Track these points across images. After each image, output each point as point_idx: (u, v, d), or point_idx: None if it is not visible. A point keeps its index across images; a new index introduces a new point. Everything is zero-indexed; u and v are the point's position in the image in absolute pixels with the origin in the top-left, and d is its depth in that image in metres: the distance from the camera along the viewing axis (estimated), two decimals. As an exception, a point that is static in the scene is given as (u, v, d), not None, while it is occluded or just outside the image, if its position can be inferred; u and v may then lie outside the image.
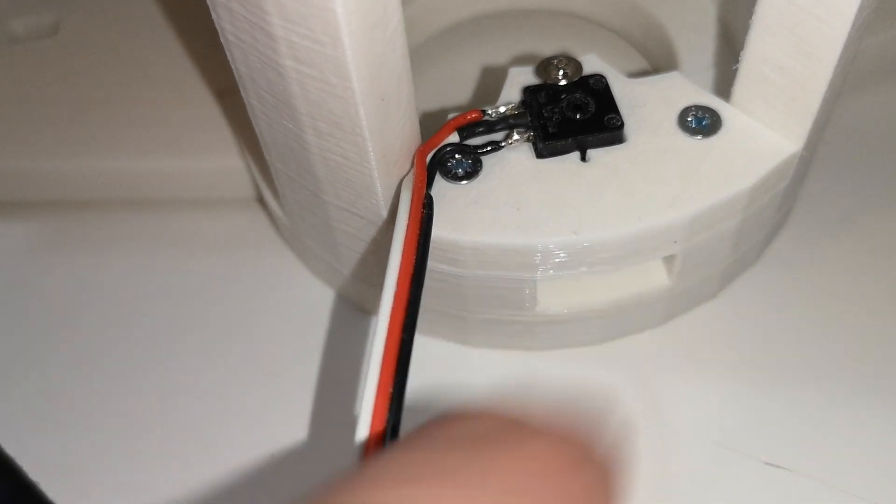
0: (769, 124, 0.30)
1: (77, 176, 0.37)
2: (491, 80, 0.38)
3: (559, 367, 0.33)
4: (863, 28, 0.26)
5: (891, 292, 0.34)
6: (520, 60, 0.39)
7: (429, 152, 0.29)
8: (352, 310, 0.35)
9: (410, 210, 0.26)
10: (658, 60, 0.39)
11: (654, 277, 0.31)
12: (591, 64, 0.31)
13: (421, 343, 0.32)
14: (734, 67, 0.29)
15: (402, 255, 0.24)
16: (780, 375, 0.32)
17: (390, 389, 0.21)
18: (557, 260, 0.29)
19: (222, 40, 0.25)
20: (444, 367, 0.33)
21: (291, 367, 0.34)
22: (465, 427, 0.17)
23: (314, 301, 0.35)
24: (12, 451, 0.28)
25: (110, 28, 0.40)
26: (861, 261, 0.35)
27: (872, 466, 0.30)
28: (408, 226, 0.25)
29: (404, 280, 0.23)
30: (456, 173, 0.29)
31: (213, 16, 0.24)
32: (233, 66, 0.26)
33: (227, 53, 0.26)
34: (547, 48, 0.39)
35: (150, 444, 0.33)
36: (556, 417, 0.18)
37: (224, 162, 0.36)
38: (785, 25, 0.26)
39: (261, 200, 0.37)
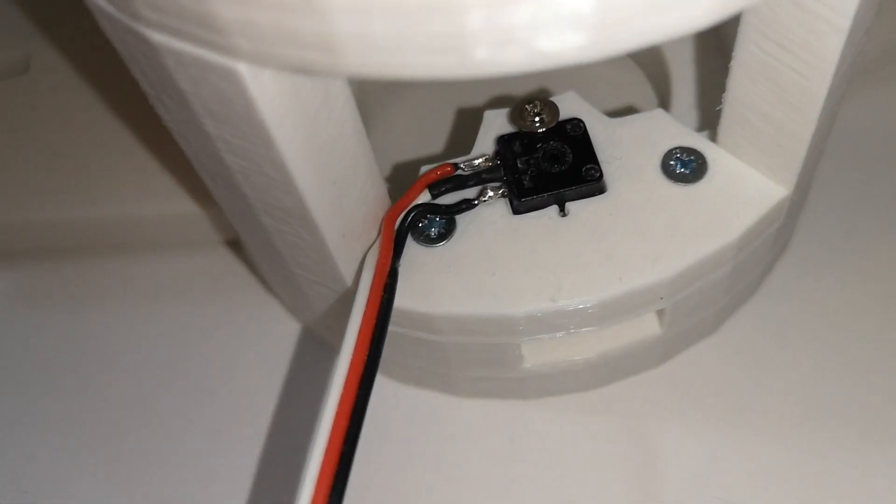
0: (756, 166, 0.28)
1: (49, 225, 0.36)
2: (468, 119, 0.36)
3: (552, 416, 0.32)
4: (848, 75, 0.25)
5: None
6: (498, 98, 0.37)
7: (397, 216, 0.28)
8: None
9: (370, 294, 0.25)
10: (648, 68, 0.37)
11: (645, 327, 0.30)
12: (569, 104, 0.29)
13: (408, 394, 0.32)
14: (717, 109, 0.28)
15: (354, 353, 0.23)
16: (782, 418, 0.31)
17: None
18: (537, 325, 0.27)
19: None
20: (432, 420, 0.32)
21: (258, 415, 0.33)
22: None
23: (289, 341, 0.34)
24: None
25: (82, 66, 0.38)
26: (867, 283, 0.33)
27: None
28: (364, 314, 0.24)
29: (353, 380, 0.22)
30: (429, 235, 0.28)
31: (149, 98, 0.23)
32: (181, 146, 0.25)
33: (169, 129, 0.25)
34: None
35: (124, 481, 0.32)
36: None
37: (194, 207, 0.35)
38: (764, 74, 0.25)
39: (231, 244, 0.36)
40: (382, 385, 0.32)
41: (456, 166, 0.28)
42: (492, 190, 0.28)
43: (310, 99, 0.21)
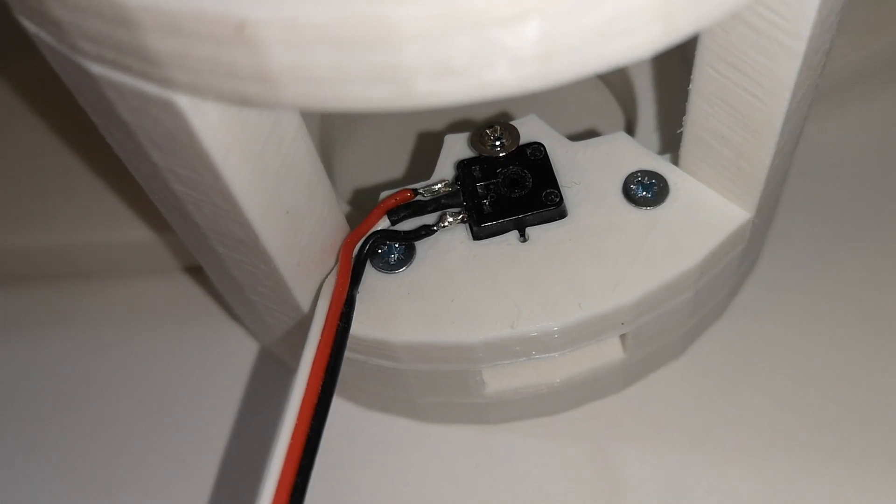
0: (718, 189, 0.28)
1: (6, 252, 0.35)
2: (428, 144, 0.36)
3: (516, 441, 0.31)
4: (808, 97, 0.24)
5: (866, 339, 0.32)
6: (459, 122, 0.36)
7: (356, 243, 0.27)
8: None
9: (325, 323, 0.24)
10: (613, 85, 0.37)
11: (609, 352, 0.29)
12: (530, 127, 0.29)
13: (372, 420, 0.31)
14: (678, 132, 0.27)
15: (308, 382, 0.22)
16: (748, 441, 0.31)
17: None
18: (497, 352, 0.27)
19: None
20: (396, 445, 0.32)
21: (222, 430, 0.33)
22: None
23: (248, 363, 0.34)
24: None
25: (37, 95, 0.38)
26: (836, 305, 0.33)
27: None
28: (319, 343, 0.24)
29: (307, 409, 0.22)
30: (388, 261, 0.28)
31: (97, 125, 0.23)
32: (133, 175, 0.25)
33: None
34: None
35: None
36: None
37: (152, 235, 0.34)
38: (722, 98, 0.24)
39: (189, 270, 0.35)
40: (346, 410, 0.32)
41: (415, 192, 0.28)
42: (451, 216, 0.28)
43: (257, 129, 0.21)
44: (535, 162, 0.28)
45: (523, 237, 0.28)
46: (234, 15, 0.15)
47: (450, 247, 0.28)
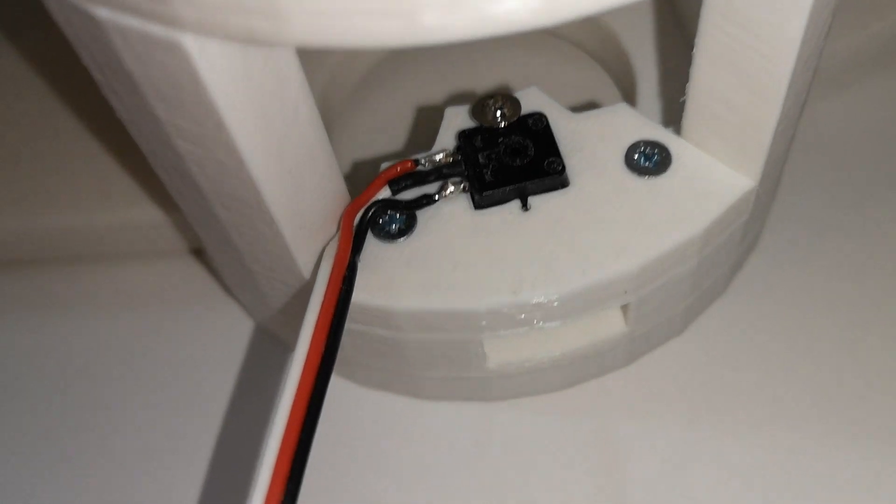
0: (722, 158, 0.28)
1: (12, 235, 0.35)
2: (431, 117, 0.36)
3: (517, 418, 0.31)
4: (813, 58, 0.24)
5: (868, 317, 0.32)
6: (460, 94, 0.36)
7: (357, 212, 0.27)
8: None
9: (327, 286, 0.24)
10: (612, 67, 0.37)
11: (611, 324, 0.29)
12: (531, 99, 0.29)
13: (370, 398, 0.31)
14: (681, 100, 0.27)
15: (310, 345, 0.22)
16: (749, 417, 0.31)
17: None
18: (499, 320, 0.26)
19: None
20: (397, 423, 0.31)
21: (220, 409, 0.33)
22: None
23: (245, 342, 0.34)
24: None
25: (40, 77, 0.38)
26: (838, 284, 0.33)
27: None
28: (321, 306, 0.23)
29: (309, 373, 0.22)
30: (389, 231, 0.27)
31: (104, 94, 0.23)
32: (134, 139, 0.24)
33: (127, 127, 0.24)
34: (495, 67, 0.37)
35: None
36: None
37: (159, 215, 0.34)
38: (728, 59, 0.24)
39: (195, 252, 0.35)
40: (346, 389, 0.32)
41: (416, 162, 0.28)
42: (453, 185, 0.28)
43: (261, 82, 0.21)
44: (537, 132, 0.28)
45: (525, 206, 0.27)
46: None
47: (451, 216, 0.27)
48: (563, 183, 0.28)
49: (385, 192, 0.28)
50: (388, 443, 0.31)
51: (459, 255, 0.27)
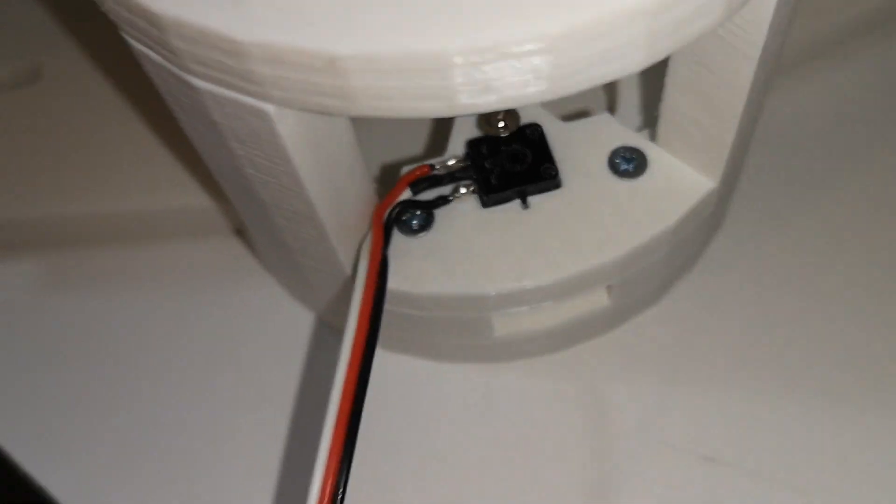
0: (689, 162, 0.33)
1: (66, 219, 0.40)
2: (442, 125, 0.41)
3: (519, 376, 0.37)
4: (766, 86, 0.30)
5: (818, 287, 0.38)
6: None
7: (385, 211, 0.32)
8: (331, 333, 0.39)
9: (367, 278, 0.30)
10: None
11: (596, 300, 0.35)
12: (528, 110, 0.34)
13: (395, 361, 0.37)
14: (655, 114, 0.33)
15: (356, 330, 0.28)
16: (715, 372, 0.36)
17: (339, 458, 0.25)
18: (505, 301, 0.32)
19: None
20: (416, 383, 0.37)
21: (274, 393, 0.37)
22: None
23: (295, 325, 0.39)
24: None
25: (92, 71, 0.42)
26: (792, 257, 0.39)
27: (802, 456, 0.35)
28: (363, 295, 0.29)
29: (358, 349, 0.27)
30: (411, 227, 0.33)
31: (179, 121, 0.28)
32: (200, 154, 0.30)
33: (195, 147, 0.29)
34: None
35: (140, 473, 0.37)
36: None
37: (203, 202, 0.39)
38: (693, 88, 0.30)
39: (238, 232, 0.41)
40: (376, 354, 0.37)
41: (432, 167, 0.33)
42: (464, 187, 0.33)
43: (320, 129, 0.26)
44: (534, 140, 0.34)
45: (525, 205, 0.33)
46: (328, 51, 0.20)
47: (463, 214, 0.33)
48: (556, 185, 0.33)
49: (406, 194, 0.33)
50: (411, 397, 0.37)
51: (472, 247, 0.32)
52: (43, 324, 0.41)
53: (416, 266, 0.32)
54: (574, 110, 0.40)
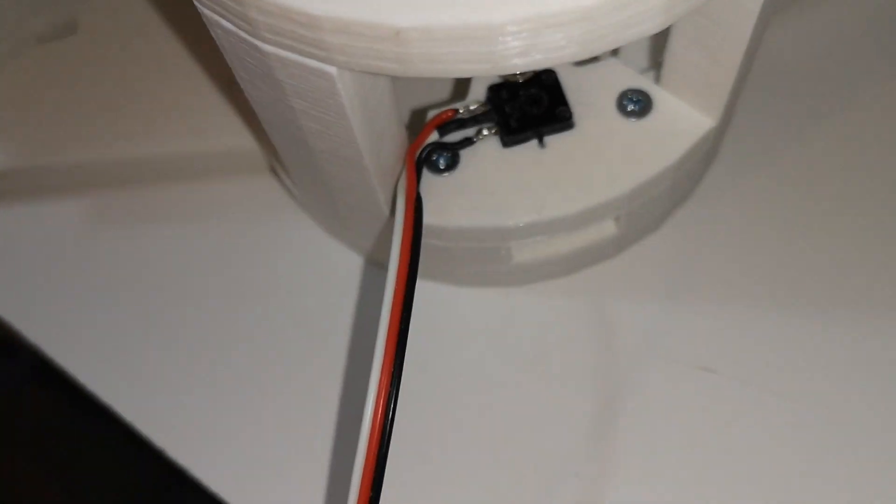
0: (690, 102, 0.36)
1: (110, 163, 0.43)
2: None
3: (534, 299, 0.41)
4: (759, 37, 0.33)
5: (807, 212, 0.42)
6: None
7: (416, 152, 0.36)
8: (376, 267, 0.42)
9: (404, 216, 0.33)
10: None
11: (605, 229, 0.39)
12: (543, 56, 0.38)
13: (420, 287, 0.40)
14: (659, 61, 0.36)
15: (399, 261, 0.31)
16: (712, 292, 0.40)
17: (390, 375, 0.29)
18: (525, 232, 0.36)
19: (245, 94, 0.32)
20: (440, 306, 0.41)
21: (320, 330, 0.41)
22: None
23: (338, 262, 0.43)
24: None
25: (126, 24, 0.45)
26: (782, 186, 0.42)
27: (793, 366, 0.39)
28: (402, 230, 0.32)
29: (401, 282, 0.31)
30: (439, 167, 0.36)
31: (238, 77, 0.31)
32: (253, 107, 0.33)
33: (250, 100, 0.32)
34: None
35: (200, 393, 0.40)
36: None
37: (239, 143, 0.43)
38: (696, 38, 0.33)
39: (273, 171, 0.44)
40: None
41: (457, 111, 0.37)
42: (486, 129, 0.36)
43: (369, 84, 0.29)
44: (549, 85, 0.37)
45: (542, 145, 0.36)
46: (393, 24, 0.24)
47: (486, 153, 0.36)
48: (570, 126, 0.36)
49: (434, 136, 0.37)
50: (433, 319, 0.40)
51: (494, 185, 0.36)
52: (94, 258, 0.44)
53: (444, 201, 0.35)
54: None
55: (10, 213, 0.45)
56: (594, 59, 0.38)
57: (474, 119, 0.36)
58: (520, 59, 0.25)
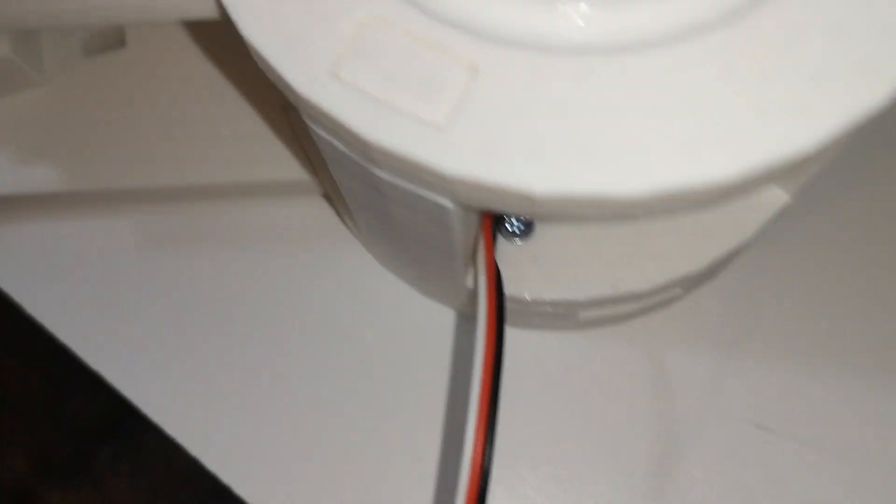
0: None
1: (164, 188, 0.43)
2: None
3: (590, 343, 0.41)
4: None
5: (871, 269, 0.42)
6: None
7: (492, 220, 0.36)
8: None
9: (487, 295, 0.33)
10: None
11: (672, 293, 0.39)
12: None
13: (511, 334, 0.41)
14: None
15: (486, 339, 0.31)
16: (769, 344, 0.41)
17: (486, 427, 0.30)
18: (598, 303, 0.36)
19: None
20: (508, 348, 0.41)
21: (412, 379, 0.42)
22: None
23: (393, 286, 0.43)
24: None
25: (179, 37, 0.44)
26: (847, 237, 0.42)
27: (850, 427, 0.39)
28: (487, 308, 0.32)
29: (490, 355, 0.31)
30: (514, 233, 0.36)
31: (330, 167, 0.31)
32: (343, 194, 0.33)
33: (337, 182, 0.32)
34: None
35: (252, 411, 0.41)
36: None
37: (296, 174, 0.42)
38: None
39: (327, 197, 0.44)
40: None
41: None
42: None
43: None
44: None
45: (616, 213, 0.36)
46: (530, 192, 0.24)
47: (561, 223, 0.36)
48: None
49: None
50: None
51: (570, 255, 0.36)
52: (147, 277, 0.44)
53: (521, 272, 0.35)
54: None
55: (61, 227, 0.45)
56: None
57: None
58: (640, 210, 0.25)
